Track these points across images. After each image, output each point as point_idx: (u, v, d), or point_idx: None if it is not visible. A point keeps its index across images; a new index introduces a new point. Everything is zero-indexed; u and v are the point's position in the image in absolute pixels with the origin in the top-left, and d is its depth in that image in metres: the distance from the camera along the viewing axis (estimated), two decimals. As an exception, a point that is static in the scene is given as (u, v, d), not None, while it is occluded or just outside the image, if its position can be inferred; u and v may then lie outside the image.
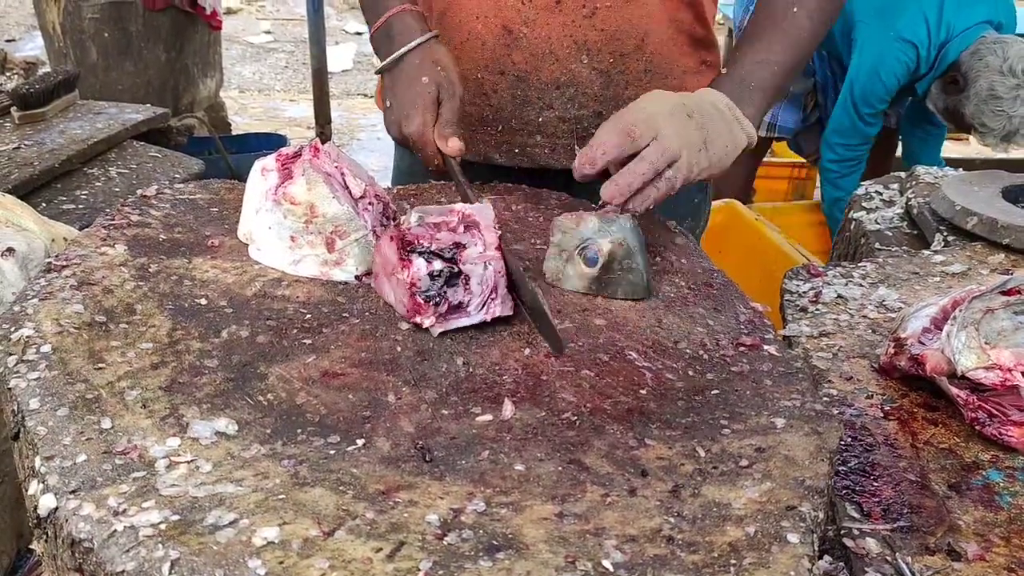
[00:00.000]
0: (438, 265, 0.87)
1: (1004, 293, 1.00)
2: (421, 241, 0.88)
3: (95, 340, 0.81)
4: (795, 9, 1.15)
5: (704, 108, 1.04)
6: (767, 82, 1.12)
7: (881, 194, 1.79)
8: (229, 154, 3.07)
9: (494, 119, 1.26)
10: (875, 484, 0.89)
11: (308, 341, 0.85)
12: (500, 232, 0.91)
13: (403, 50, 1.11)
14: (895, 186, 1.82)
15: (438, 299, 0.86)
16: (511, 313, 0.90)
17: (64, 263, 0.91)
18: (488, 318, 0.88)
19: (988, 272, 1.33)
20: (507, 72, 1.23)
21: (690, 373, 0.86)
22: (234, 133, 4.03)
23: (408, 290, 0.87)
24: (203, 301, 0.89)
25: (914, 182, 1.74)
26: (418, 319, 0.87)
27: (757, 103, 1.11)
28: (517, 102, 1.25)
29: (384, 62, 1.13)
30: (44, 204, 1.80)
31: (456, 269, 0.87)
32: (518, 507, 0.66)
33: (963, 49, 2.58)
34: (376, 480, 0.68)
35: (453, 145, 1.09)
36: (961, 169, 1.93)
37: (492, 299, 0.89)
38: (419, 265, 0.86)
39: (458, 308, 0.87)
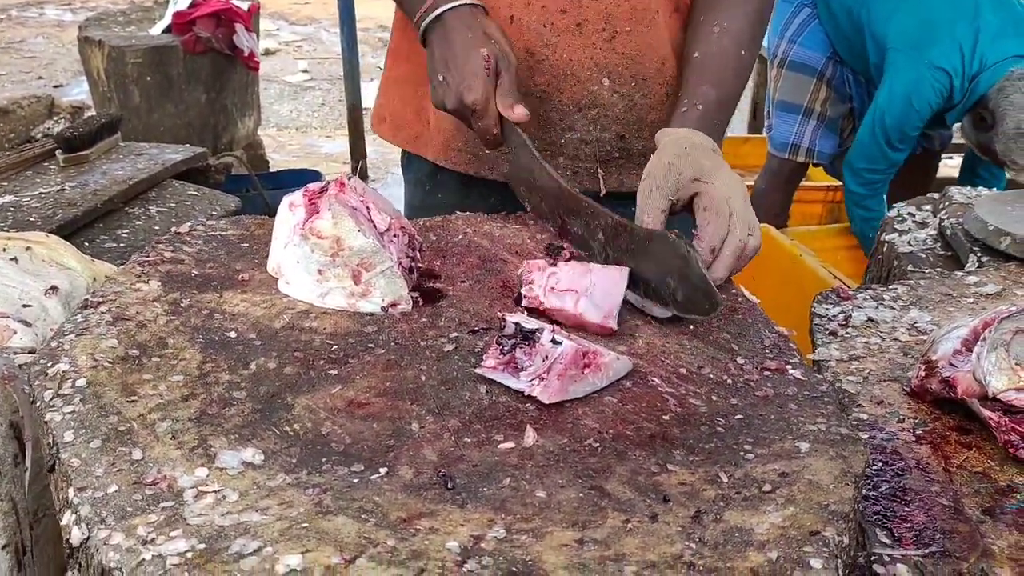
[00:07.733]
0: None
1: (1036, 313, 0.99)
2: None
3: (128, 373, 0.83)
4: (743, 51, 1.23)
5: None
6: (724, 126, 1.20)
7: (913, 215, 1.77)
8: (266, 190, 3.14)
9: None
10: (907, 509, 0.87)
11: (334, 371, 0.86)
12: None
13: (450, 5, 1.14)
14: (928, 207, 1.79)
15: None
16: None
17: (100, 299, 0.94)
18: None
19: (1023, 292, 1.31)
20: (530, 93, 1.26)
21: (714, 398, 0.86)
22: (271, 170, 4.11)
23: None
24: (233, 334, 0.91)
25: (947, 203, 1.71)
26: None
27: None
28: (540, 122, 1.27)
29: (428, 17, 1.15)
30: (87, 243, 1.85)
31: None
32: (538, 533, 0.66)
33: (993, 83, 2.56)
34: (398, 508, 0.69)
35: (519, 111, 1.12)
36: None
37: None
38: None
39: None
